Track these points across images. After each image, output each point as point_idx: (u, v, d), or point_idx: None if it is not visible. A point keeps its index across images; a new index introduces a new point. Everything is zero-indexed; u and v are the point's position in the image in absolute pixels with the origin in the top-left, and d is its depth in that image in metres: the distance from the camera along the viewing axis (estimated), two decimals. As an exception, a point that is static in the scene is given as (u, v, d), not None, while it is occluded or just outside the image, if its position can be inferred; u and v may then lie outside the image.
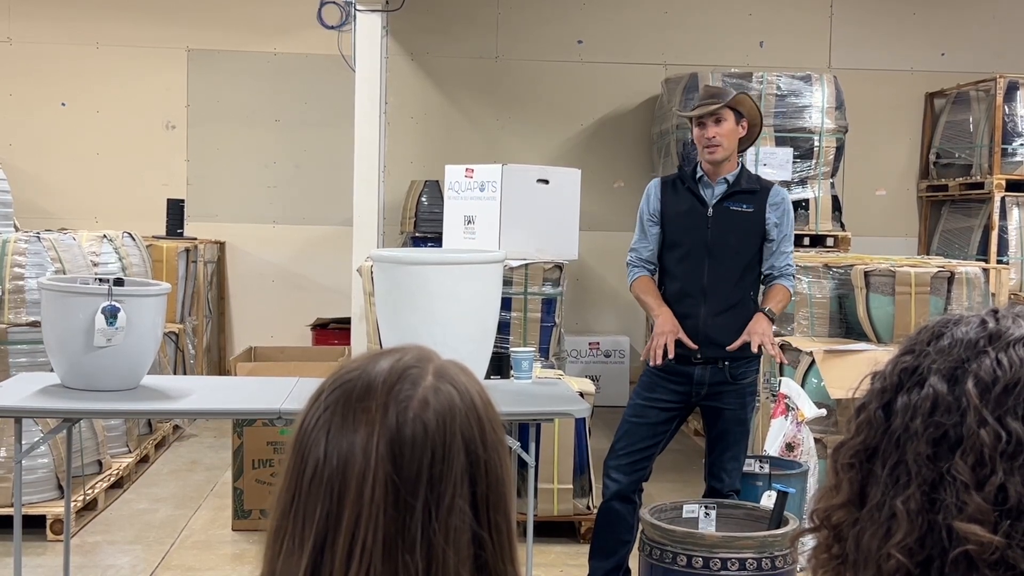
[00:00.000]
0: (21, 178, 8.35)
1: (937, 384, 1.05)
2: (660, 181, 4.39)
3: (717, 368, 4.18)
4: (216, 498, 6.05)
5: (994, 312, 1.10)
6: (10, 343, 5.44)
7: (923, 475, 1.03)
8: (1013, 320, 1.08)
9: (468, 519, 1.08)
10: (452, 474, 1.08)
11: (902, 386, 1.07)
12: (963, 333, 1.07)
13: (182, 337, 7.79)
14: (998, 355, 1.04)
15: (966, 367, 1.04)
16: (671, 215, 4.26)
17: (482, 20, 9.27)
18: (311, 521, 1.08)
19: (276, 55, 9.20)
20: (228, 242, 9.27)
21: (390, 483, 1.07)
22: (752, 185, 4.26)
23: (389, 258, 4.39)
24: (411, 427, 1.09)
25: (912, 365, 1.08)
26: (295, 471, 1.11)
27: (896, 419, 1.06)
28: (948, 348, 1.07)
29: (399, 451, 1.08)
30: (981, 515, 0.99)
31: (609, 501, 4.25)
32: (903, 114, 9.53)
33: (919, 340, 1.10)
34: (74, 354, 4.06)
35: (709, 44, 9.29)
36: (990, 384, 1.03)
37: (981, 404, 1.02)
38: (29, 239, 5.65)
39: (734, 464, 4.32)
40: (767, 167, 8.20)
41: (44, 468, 5.41)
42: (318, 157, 9.19)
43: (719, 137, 4.15)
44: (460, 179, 6.24)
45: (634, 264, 4.34)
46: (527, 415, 4.10)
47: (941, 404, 1.04)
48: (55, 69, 9.05)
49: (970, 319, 1.09)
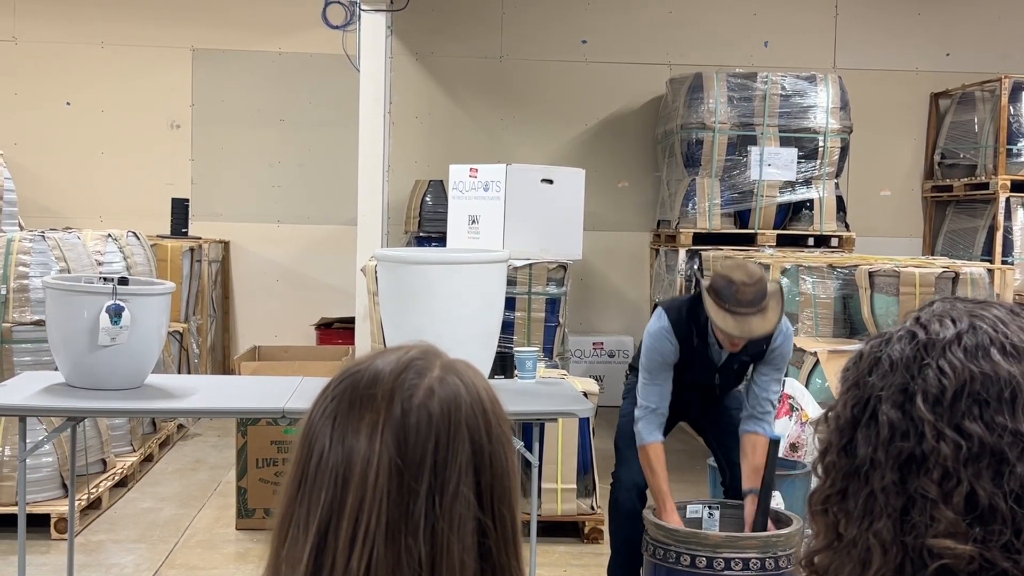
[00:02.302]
0: (26, 177, 8.36)
1: (889, 412, 1.05)
2: (673, 330, 4.01)
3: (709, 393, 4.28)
4: (220, 497, 6.05)
5: (917, 319, 1.10)
6: (14, 342, 5.45)
7: (892, 503, 1.04)
8: (939, 322, 1.08)
9: (472, 507, 1.09)
10: (456, 462, 1.09)
11: (857, 422, 1.08)
12: (898, 352, 1.08)
13: (186, 336, 7.79)
14: (938, 364, 1.05)
15: (912, 387, 1.05)
16: (679, 366, 4.07)
17: (486, 20, 9.27)
18: (316, 507, 1.09)
19: (281, 55, 9.21)
20: (232, 241, 9.27)
21: (394, 468, 1.08)
22: (759, 347, 4.03)
23: (393, 258, 4.40)
24: (416, 414, 1.09)
25: (862, 398, 1.09)
26: (301, 460, 1.12)
27: (859, 457, 1.07)
28: (889, 372, 1.07)
29: (403, 437, 1.09)
30: (953, 527, 1.00)
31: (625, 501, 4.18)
32: (908, 114, 9.52)
33: (860, 372, 1.11)
34: (78, 353, 4.06)
35: (714, 44, 9.29)
36: (939, 396, 1.03)
37: (935, 419, 1.03)
38: (34, 238, 5.66)
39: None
40: (771, 167, 8.20)
41: (48, 467, 5.41)
42: (322, 157, 9.19)
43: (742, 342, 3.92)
44: (464, 179, 6.24)
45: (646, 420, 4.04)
46: (531, 415, 4.10)
47: (898, 429, 1.05)
48: (60, 68, 9.07)
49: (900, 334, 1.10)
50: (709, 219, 8.24)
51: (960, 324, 1.07)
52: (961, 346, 1.05)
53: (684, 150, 8.34)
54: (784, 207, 8.33)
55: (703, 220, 8.22)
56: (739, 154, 8.23)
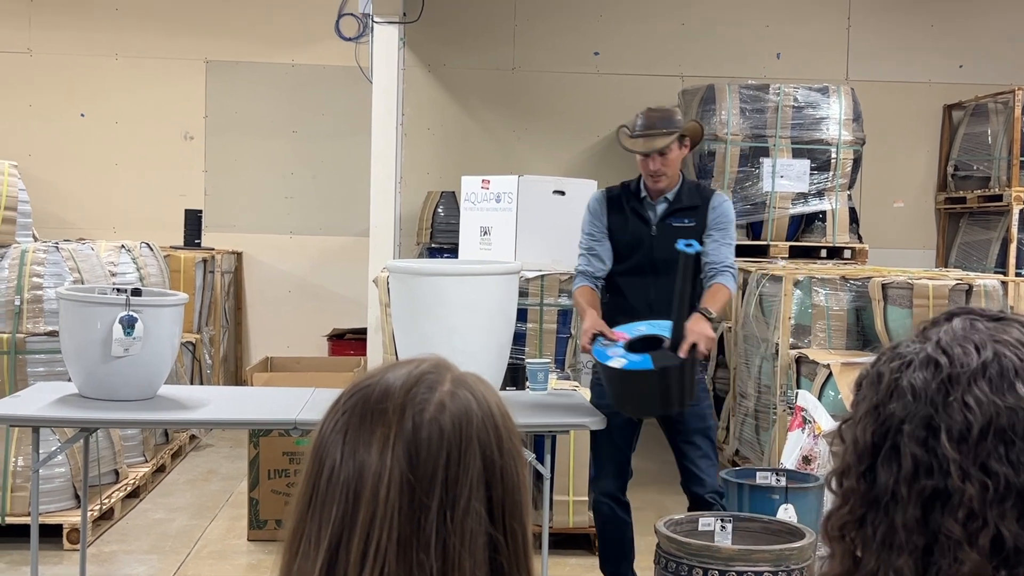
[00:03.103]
0: (40, 188, 8.40)
1: (914, 448, 1.03)
2: (605, 196, 4.39)
3: None
4: (232, 508, 6.05)
5: (938, 343, 1.07)
6: (28, 352, 5.46)
7: (914, 540, 1.02)
8: (962, 348, 1.05)
9: (483, 522, 1.09)
10: (468, 477, 1.08)
11: (878, 449, 1.06)
12: (921, 381, 1.05)
13: (199, 347, 7.81)
14: (964, 398, 1.02)
15: (935, 422, 1.03)
16: (616, 232, 4.32)
17: (499, 32, 9.29)
18: (327, 522, 1.09)
19: (294, 66, 9.24)
20: (245, 252, 9.30)
21: (405, 483, 1.07)
22: (693, 200, 4.28)
23: (405, 269, 4.40)
24: (427, 429, 1.09)
25: (882, 425, 1.07)
26: (312, 475, 1.12)
27: (880, 487, 1.05)
28: (912, 402, 1.05)
29: (415, 452, 1.08)
30: (978, 569, 0.98)
31: (602, 506, 4.35)
32: (921, 126, 9.50)
33: (880, 397, 1.08)
34: (91, 364, 4.08)
35: (726, 56, 9.29)
36: (964, 433, 1.01)
37: (961, 458, 1.01)
38: (48, 249, 5.68)
39: (708, 463, 4.31)
40: (784, 179, 8.19)
41: (61, 477, 5.42)
42: (335, 168, 9.22)
43: (663, 168, 4.20)
44: (476, 190, 6.25)
45: (581, 274, 4.35)
46: (542, 427, 4.10)
47: (922, 466, 1.03)
48: (74, 80, 9.12)
49: (921, 358, 1.06)
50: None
51: (984, 352, 1.04)
52: (986, 377, 1.03)
53: (696, 162, 8.33)
54: (797, 219, 8.32)
55: (715, 232, 8.19)
56: (751, 166, 8.22)
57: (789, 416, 5.31)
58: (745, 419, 6.78)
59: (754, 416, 6.61)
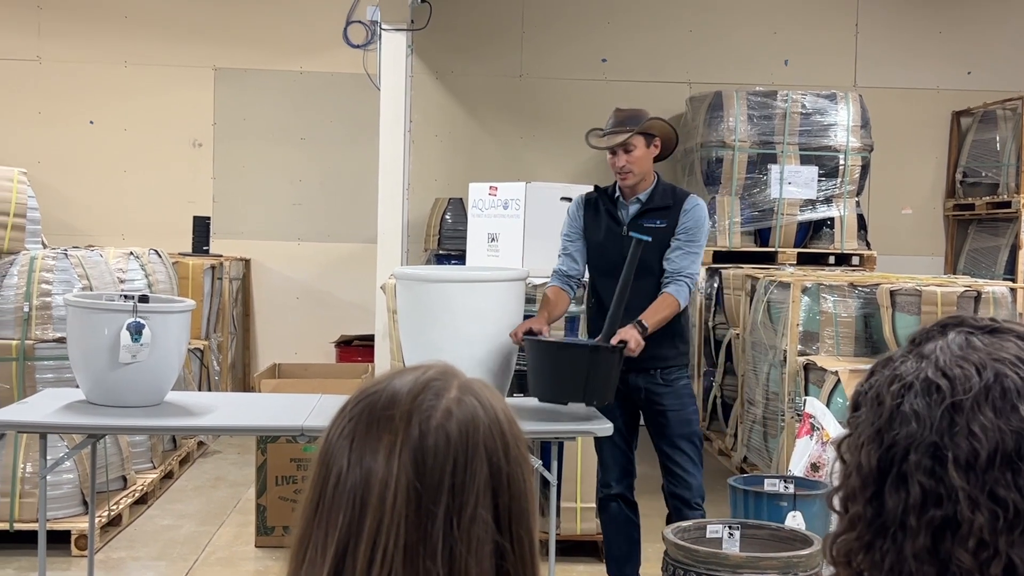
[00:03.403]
0: (49, 195, 8.42)
1: (921, 477, 1.02)
2: (583, 199, 4.49)
3: (648, 375, 4.31)
4: (240, 514, 6.06)
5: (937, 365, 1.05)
6: (37, 359, 5.47)
7: (925, 570, 1.01)
8: (961, 369, 1.04)
9: (490, 529, 1.08)
10: (474, 484, 1.08)
11: (884, 475, 1.05)
12: (924, 407, 1.04)
13: (207, 353, 7.81)
14: (969, 426, 1.01)
15: (942, 450, 1.02)
16: (591, 235, 4.40)
17: (507, 38, 9.30)
18: (334, 529, 1.09)
19: (302, 74, 9.26)
20: (253, 259, 9.31)
21: (412, 490, 1.07)
22: (666, 201, 4.34)
23: (412, 275, 4.40)
24: (434, 436, 1.09)
25: (887, 450, 1.06)
26: (319, 482, 1.12)
27: (887, 514, 1.05)
28: (916, 429, 1.04)
29: (421, 459, 1.08)
30: None
31: (610, 504, 4.42)
32: (929, 132, 9.48)
33: (883, 424, 1.07)
34: (99, 370, 4.08)
35: (734, 62, 9.28)
36: (971, 461, 1.01)
37: (969, 486, 1.00)
38: (56, 256, 5.69)
39: (693, 466, 4.33)
40: (791, 185, 8.18)
41: (69, 484, 5.43)
42: (343, 175, 9.23)
43: (629, 164, 4.27)
44: (484, 197, 6.25)
45: (555, 272, 4.46)
46: (549, 433, 4.09)
47: (930, 496, 1.02)
48: (83, 87, 9.14)
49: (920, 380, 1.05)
50: (729, 237, 8.22)
51: (985, 373, 1.04)
52: (989, 402, 1.02)
53: (704, 168, 8.33)
54: (805, 225, 8.30)
55: (723, 238, 8.20)
56: (759, 172, 8.21)
57: (797, 423, 5.30)
58: (753, 426, 6.76)
59: (762, 423, 6.59)
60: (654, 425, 4.39)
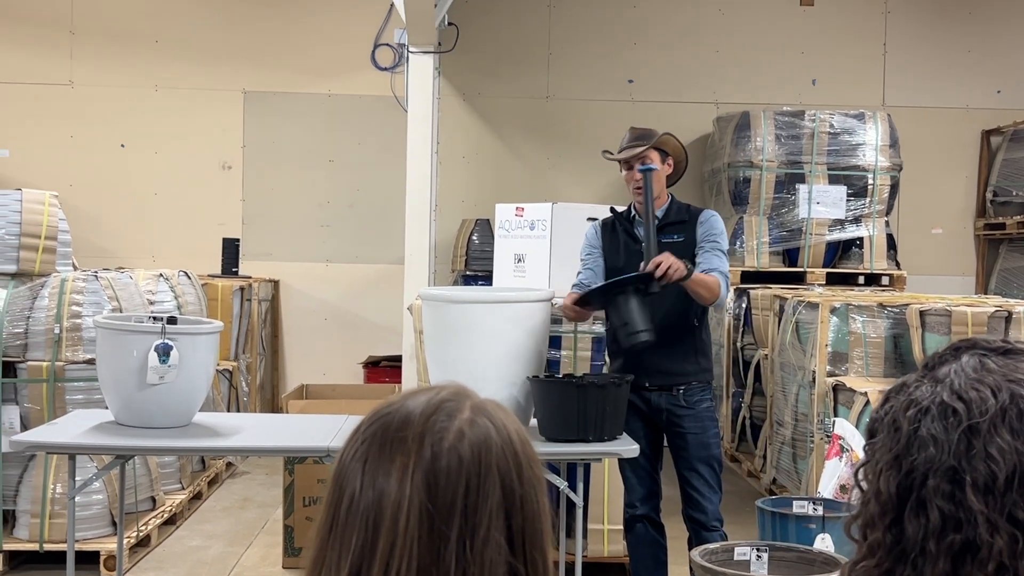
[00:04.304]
0: (81, 218, 8.51)
1: (940, 502, 1.02)
2: (600, 224, 4.55)
3: (671, 395, 4.31)
4: (267, 535, 6.07)
5: (952, 389, 1.05)
6: (67, 380, 5.51)
7: None
8: (977, 392, 1.04)
9: (504, 551, 1.08)
10: (487, 506, 1.08)
11: (903, 501, 1.05)
12: (941, 431, 1.03)
13: (236, 375, 7.85)
14: (987, 448, 1.01)
15: (960, 473, 1.02)
16: (611, 254, 4.43)
17: (533, 60, 9.33)
18: (347, 551, 1.09)
19: (330, 96, 9.32)
20: (282, 280, 9.36)
21: (424, 512, 1.07)
22: (681, 216, 4.41)
23: (437, 296, 4.41)
24: (446, 457, 1.09)
25: (906, 476, 1.05)
26: (333, 503, 1.12)
27: (907, 540, 1.04)
28: (934, 453, 1.03)
29: (434, 481, 1.08)
30: None
31: (636, 525, 4.40)
32: (959, 152, 9.42)
33: (901, 450, 1.06)
34: (128, 391, 4.11)
35: (761, 82, 9.27)
36: (990, 484, 1.00)
37: (988, 510, 1.00)
38: (87, 278, 5.74)
39: (711, 491, 4.32)
40: (820, 205, 8.15)
41: (98, 504, 5.46)
42: (371, 196, 9.27)
43: (638, 171, 4.34)
44: (510, 217, 6.25)
45: (574, 286, 4.48)
46: (576, 454, 4.08)
47: (949, 521, 1.01)
48: (115, 111, 9.24)
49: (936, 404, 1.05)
50: (757, 257, 8.19)
51: (1001, 395, 1.03)
52: (1006, 423, 1.02)
53: (731, 188, 8.31)
54: (834, 245, 8.26)
55: (751, 258, 8.17)
56: (787, 192, 8.18)
57: (826, 444, 5.26)
58: (782, 447, 6.72)
59: (791, 444, 6.55)
60: (674, 447, 4.40)
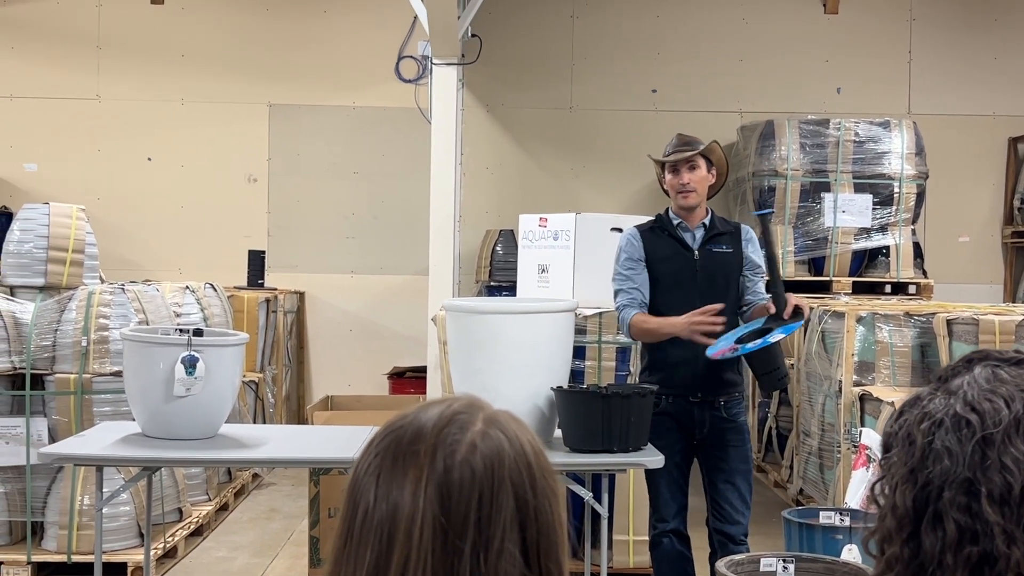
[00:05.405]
0: (108, 231, 8.58)
1: (956, 514, 1.02)
2: (638, 231, 4.43)
3: (714, 408, 4.26)
4: (294, 546, 6.08)
5: (966, 400, 1.05)
6: (95, 392, 5.55)
7: None
8: (990, 403, 1.03)
9: (518, 563, 1.07)
10: (501, 518, 1.07)
11: (920, 515, 1.05)
12: (955, 443, 1.03)
13: (262, 386, 7.88)
14: (1001, 459, 1.01)
15: (976, 487, 1.01)
16: (657, 261, 4.34)
17: (556, 71, 9.35)
18: (362, 565, 1.09)
19: (355, 109, 9.37)
20: (307, 292, 9.40)
21: (438, 525, 1.07)
22: (726, 227, 4.40)
23: (461, 307, 4.41)
24: (459, 470, 1.08)
25: (922, 489, 1.05)
26: (347, 517, 1.12)
27: (925, 554, 1.04)
28: (949, 466, 1.03)
29: (447, 494, 1.08)
30: None
31: (662, 540, 4.31)
32: (986, 159, 9.36)
33: (916, 463, 1.06)
34: (154, 403, 4.13)
35: (785, 91, 9.25)
36: (1005, 495, 1.00)
37: (1004, 521, 0.99)
38: (114, 290, 5.78)
39: (744, 505, 4.29)
40: (846, 214, 8.11)
41: (125, 516, 5.49)
42: (395, 208, 9.31)
43: (693, 183, 4.29)
44: (534, 228, 6.26)
45: (628, 307, 4.30)
46: (601, 465, 4.07)
47: (966, 533, 1.01)
48: (141, 125, 9.32)
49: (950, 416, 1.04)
50: (782, 267, 8.15)
51: (1015, 405, 1.03)
52: (1020, 434, 1.01)
53: (756, 197, 8.29)
54: (860, 254, 8.22)
55: (776, 268, 8.13)
56: (812, 201, 8.15)
57: (853, 454, 5.22)
58: (809, 458, 6.68)
59: (818, 455, 6.51)
60: (712, 459, 4.31)
